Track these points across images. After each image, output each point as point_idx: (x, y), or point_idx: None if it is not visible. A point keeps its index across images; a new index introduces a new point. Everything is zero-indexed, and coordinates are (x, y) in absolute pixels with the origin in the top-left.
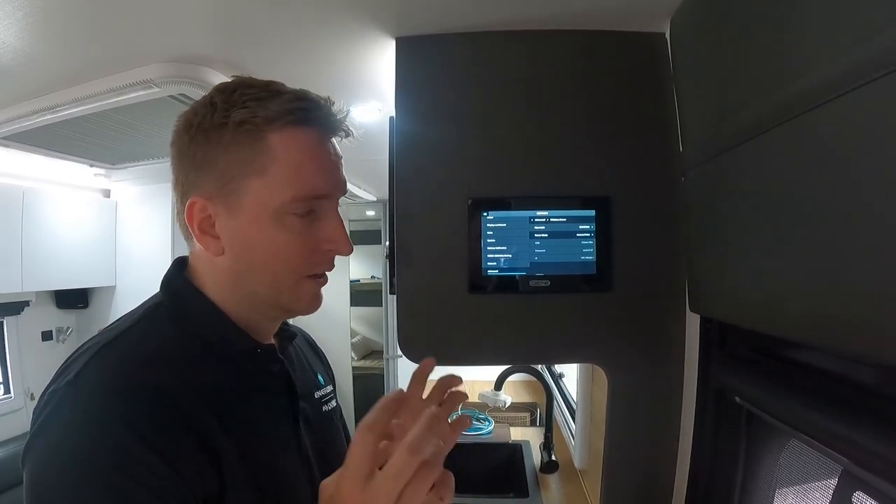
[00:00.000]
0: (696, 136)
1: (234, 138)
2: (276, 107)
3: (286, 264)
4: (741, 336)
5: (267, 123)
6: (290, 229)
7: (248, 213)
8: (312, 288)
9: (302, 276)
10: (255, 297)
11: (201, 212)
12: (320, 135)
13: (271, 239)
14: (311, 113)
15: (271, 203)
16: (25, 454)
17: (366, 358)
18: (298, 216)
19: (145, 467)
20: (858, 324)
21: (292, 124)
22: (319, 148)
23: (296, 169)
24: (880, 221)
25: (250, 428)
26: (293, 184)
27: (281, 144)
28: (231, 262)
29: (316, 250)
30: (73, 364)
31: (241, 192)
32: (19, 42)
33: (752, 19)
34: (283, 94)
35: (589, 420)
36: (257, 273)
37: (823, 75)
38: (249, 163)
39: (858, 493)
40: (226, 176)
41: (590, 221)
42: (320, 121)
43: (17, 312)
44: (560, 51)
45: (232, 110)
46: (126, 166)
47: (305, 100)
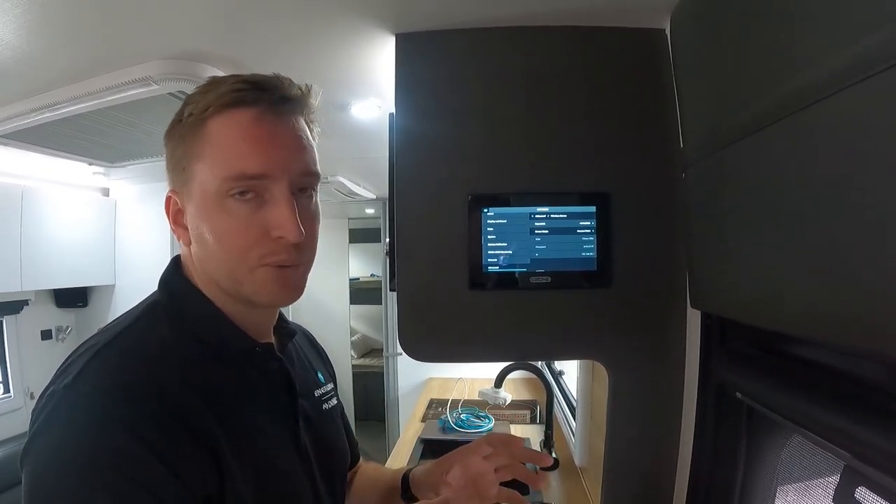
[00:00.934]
0: (696, 132)
1: (184, 130)
2: (213, 94)
3: (234, 252)
4: (742, 332)
5: (204, 110)
6: (232, 214)
7: (196, 199)
8: (271, 276)
9: (255, 264)
10: (221, 286)
11: (174, 205)
12: (257, 113)
13: (216, 224)
14: (245, 93)
15: (210, 186)
16: (24, 455)
17: (365, 356)
18: (240, 200)
19: (144, 468)
20: (859, 319)
21: (226, 107)
22: (254, 127)
23: (227, 149)
24: (881, 217)
25: (249, 427)
26: (224, 164)
27: (215, 128)
28: (196, 250)
29: (264, 237)
30: (72, 365)
31: (190, 179)
32: (18, 39)
33: (752, 15)
34: (226, 82)
35: (589, 417)
36: (213, 261)
37: (823, 71)
38: (192, 149)
39: (861, 489)
40: (179, 166)
41: (590, 218)
42: (259, 100)
43: (16, 311)
44: (560, 47)
45: (185, 107)
46: (125, 165)
47: (245, 82)
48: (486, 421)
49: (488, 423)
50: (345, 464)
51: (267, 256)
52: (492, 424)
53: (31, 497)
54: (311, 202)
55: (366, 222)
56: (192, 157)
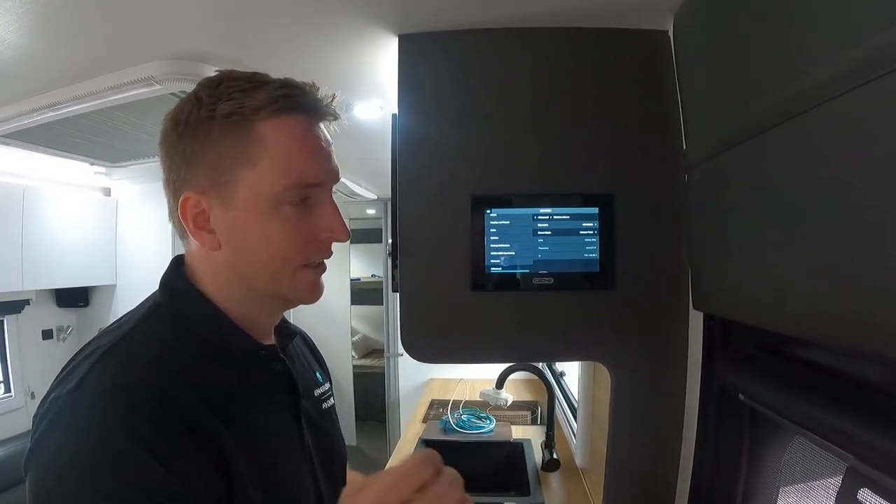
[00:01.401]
0: (699, 133)
1: (223, 130)
2: (262, 96)
3: (283, 254)
4: (744, 333)
5: (254, 113)
6: (286, 218)
7: (243, 204)
8: (311, 277)
9: (299, 265)
10: (253, 289)
11: (195, 207)
12: (309, 121)
13: (267, 229)
14: (298, 99)
15: (265, 192)
16: (28, 461)
17: (366, 357)
18: (293, 205)
19: (144, 471)
20: (862, 320)
21: (280, 112)
22: (310, 134)
23: (287, 157)
24: (883, 218)
25: (253, 427)
26: (286, 172)
27: (271, 133)
28: (228, 255)
29: (312, 239)
30: (75, 370)
31: (234, 183)
32: (20, 39)
33: (755, 18)
34: (268, 83)
35: (590, 418)
36: (255, 265)
37: (826, 73)
38: (240, 153)
39: (864, 490)
40: (217, 168)
41: (593, 219)
42: (308, 107)
43: (17, 311)
44: (563, 48)
45: (218, 103)
46: (126, 164)
47: (291, 87)
48: (488, 422)
49: (489, 423)
50: (344, 462)
51: (312, 256)
52: (493, 425)
53: (34, 501)
54: None
55: (367, 223)
56: (241, 162)
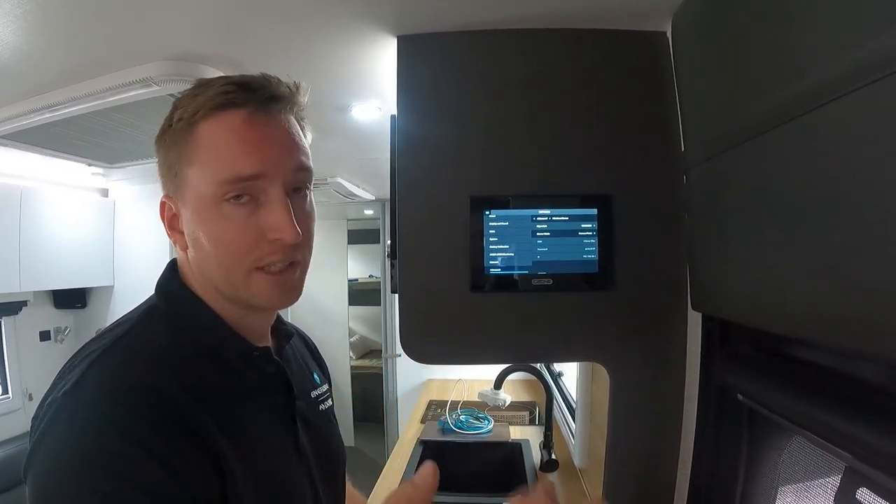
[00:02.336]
0: (697, 135)
1: (174, 135)
2: (202, 97)
3: (230, 255)
4: (743, 334)
5: (194, 114)
6: (229, 218)
7: (191, 205)
8: (266, 281)
9: (250, 268)
10: (219, 290)
11: (169, 210)
12: (247, 114)
13: (212, 229)
14: (235, 95)
15: (204, 190)
16: (27, 464)
17: (364, 357)
18: (236, 204)
19: (143, 473)
20: (861, 321)
21: (217, 109)
22: (245, 128)
23: (219, 152)
24: (883, 219)
25: (248, 429)
26: (218, 167)
27: (206, 131)
28: (193, 255)
29: (260, 239)
30: (71, 373)
31: (184, 184)
32: (18, 40)
33: (755, 18)
34: (214, 84)
35: (589, 418)
36: (210, 266)
37: (826, 75)
38: (183, 154)
39: (862, 490)
40: (172, 172)
41: (592, 220)
42: (248, 101)
43: (15, 312)
44: (562, 49)
45: (175, 111)
46: (124, 165)
47: (232, 84)
48: (486, 422)
49: (488, 424)
50: (342, 464)
51: (263, 258)
52: (491, 426)
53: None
54: (306, 201)
55: (364, 223)
56: (184, 162)
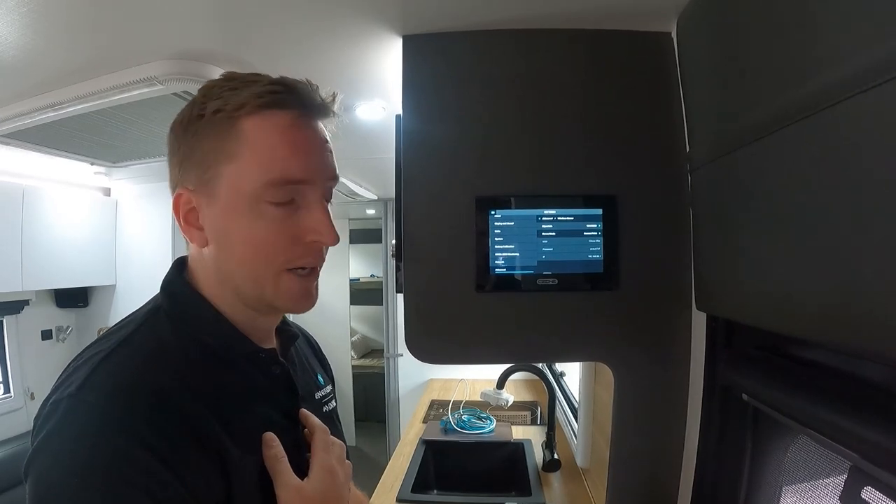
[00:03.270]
0: (702, 135)
1: (209, 127)
2: (248, 93)
3: (263, 256)
4: (747, 334)
5: (238, 109)
6: (267, 218)
7: (224, 201)
8: (295, 284)
9: (282, 269)
10: (239, 291)
11: (186, 204)
12: (295, 117)
13: (247, 227)
14: (283, 96)
15: (245, 188)
16: (28, 465)
17: (365, 357)
18: (276, 205)
19: (147, 475)
20: (867, 321)
21: (263, 108)
22: (294, 130)
23: (267, 152)
24: (891, 220)
25: (252, 431)
26: (265, 168)
27: (252, 128)
28: (215, 253)
29: (296, 241)
30: (76, 373)
31: (217, 179)
32: (22, 38)
33: (761, 20)
34: (259, 81)
35: (591, 418)
36: (237, 265)
37: (834, 76)
38: (222, 149)
39: (868, 488)
40: (203, 165)
41: (597, 220)
42: (295, 103)
43: (16, 311)
44: (567, 50)
45: (208, 102)
46: (127, 164)
47: (281, 84)
48: (488, 422)
49: (490, 424)
50: None
51: (295, 260)
52: (493, 425)
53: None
54: (330, 206)
55: (366, 223)
56: (222, 157)
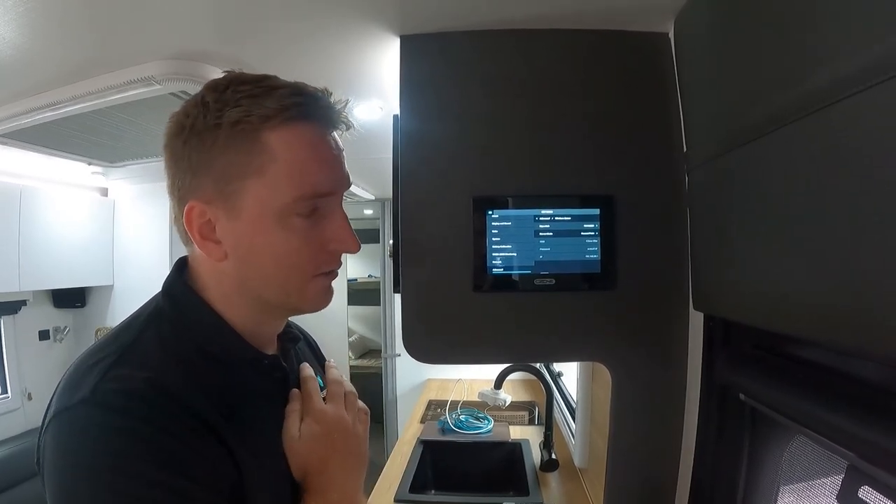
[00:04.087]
0: (700, 135)
1: (230, 139)
2: (271, 103)
3: (293, 266)
4: (745, 333)
5: (263, 122)
6: (295, 230)
7: (250, 216)
8: (321, 285)
9: (309, 276)
10: (261, 300)
11: (200, 216)
12: (320, 130)
13: (276, 241)
14: (308, 108)
15: (273, 204)
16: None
17: (363, 357)
18: (302, 216)
19: (183, 461)
20: (865, 320)
21: (290, 121)
22: (321, 144)
23: (297, 167)
24: (887, 218)
25: (255, 430)
26: (295, 183)
27: (279, 143)
28: (235, 266)
29: (322, 249)
30: (85, 380)
31: (241, 193)
32: (20, 38)
33: (759, 20)
34: (279, 89)
35: (589, 418)
36: (264, 276)
37: (831, 76)
38: (247, 163)
39: (865, 488)
40: (223, 178)
41: (594, 220)
42: (319, 115)
43: (14, 311)
44: (564, 50)
45: (225, 110)
46: (124, 165)
47: (303, 94)
48: (486, 422)
49: (488, 424)
50: None
51: (322, 266)
52: (491, 425)
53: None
54: None
55: (364, 223)
56: (246, 171)
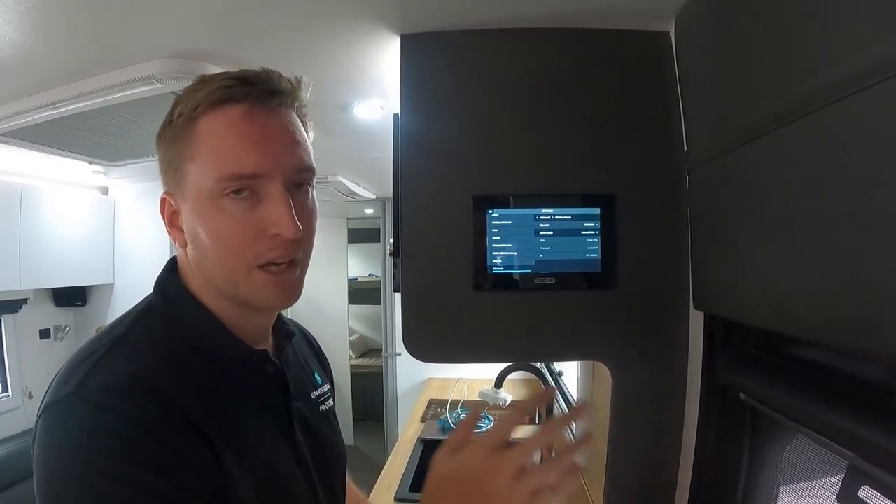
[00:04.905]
0: (700, 134)
1: (174, 131)
2: (202, 92)
3: (230, 251)
4: (745, 333)
5: (194, 110)
6: (228, 213)
7: (190, 200)
8: (267, 279)
9: (251, 265)
10: (219, 289)
11: (169, 207)
12: (246, 109)
13: (212, 224)
14: (233, 89)
15: (203, 186)
16: (35, 463)
17: (363, 356)
18: (236, 199)
19: (162, 463)
20: (864, 320)
21: (215, 104)
22: (245, 123)
23: (218, 148)
24: (888, 219)
25: (246, 429)
26: (217, 163)
27: (205, 126)
28: (192, 252)
29: (261, 235)
30: (73, 374)
31: (184, 180)
32: (20, 37)
33: (759, 19)
34: (215, 79)
35: (589, 417)
36: (209, 263)
37: (831, 75)
38: (184, 150)
39: (865, 488)
40: (172, 167)
41: (595, 219)
42: (248, 96)
43: (15, 310)
44: (565, 49)
45: (175, 107)
46: (125, 163)
47: (234, 79)
48: (486, 421)
49: (488, 423)
50: (342, 463)
51: (263, 255)
52: (491, 425)
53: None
54: (308, 197)
55: (365, 222)
56: (185, 158)
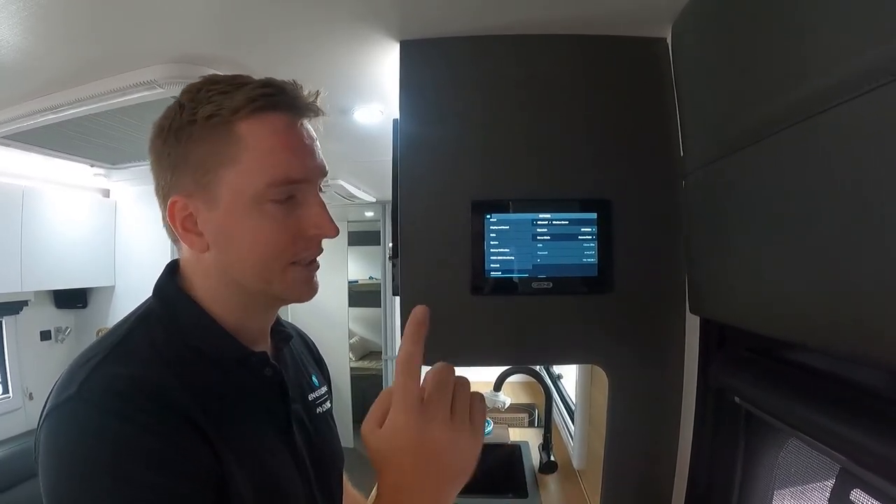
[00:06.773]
0: (696, 140)
1: (204, 132)
2: (241, 96)
3: (270, 253)
4: (740, 337)
5: (233, 113)
6: (270, 217)
7: (226, 204)
8: (301, 275)
9: (288, 263)
10: (245, 289)
11: (182, 210)
12: (289, 118)
13: (252, 228)
14: (276, 98)
15: (247, 191)
16: (39, 465)
17: (363, 359)
18: (277, 203)
19: (167, 461)
20: (856, 326)
21: (259, 111)
22: (290, 131)
23: (268, 154)
24: (880, 225)
25: (244, 431)
26: (267, 170)
27: (250, 132)
28: (217, 256)
29: (299, 236)
30: (74, 378)
31: (217, 183)
32: (23, 41)
33: (755, 26)
34: (248, 83)
35: (588, 420)
36: (243, 264)
37: (826, 82)
38: (221, 153)
39: (856, 491)
40: (199, 170)
41: (591, 224)
42: (287, 105)
43: (15, 312)
44: (562, 55)
45: (199, 107)
46: (126, 166)
47: (271, 86)
48: (485, 424)
49: (487, 426)
50: (340, 465)
51: (300, 253)
52: (490, 427)
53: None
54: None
55: (365, 225)
56: (221, 162)
